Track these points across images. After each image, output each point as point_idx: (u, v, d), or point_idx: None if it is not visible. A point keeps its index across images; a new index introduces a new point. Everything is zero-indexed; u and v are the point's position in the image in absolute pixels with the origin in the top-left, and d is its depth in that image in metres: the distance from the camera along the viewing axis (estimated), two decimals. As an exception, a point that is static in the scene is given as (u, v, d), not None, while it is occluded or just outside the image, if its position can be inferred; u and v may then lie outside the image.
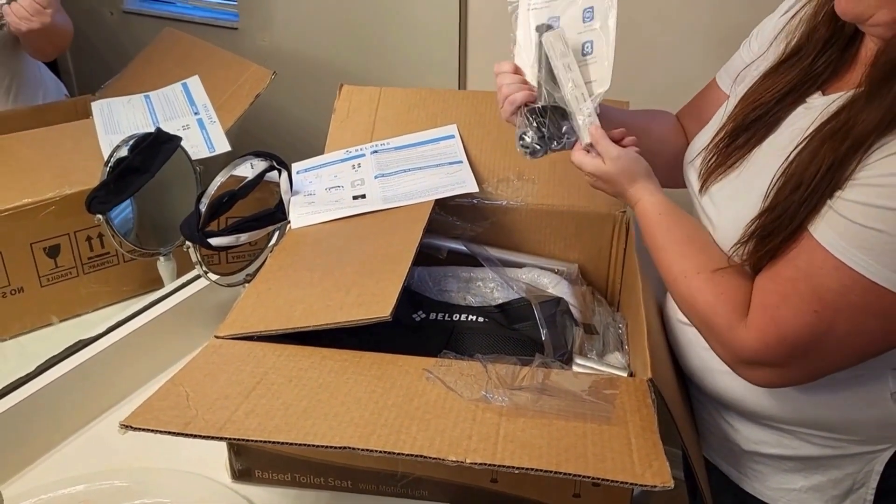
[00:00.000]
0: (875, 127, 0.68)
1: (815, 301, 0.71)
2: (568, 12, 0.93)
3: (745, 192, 0.80)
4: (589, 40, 0.93)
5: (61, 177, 1.19)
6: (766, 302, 0.75)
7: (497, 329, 1.02)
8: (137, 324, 1.07)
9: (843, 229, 0.69)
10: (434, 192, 1.10)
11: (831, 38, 0.80)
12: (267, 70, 1.42)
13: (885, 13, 0.70)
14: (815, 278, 0.71)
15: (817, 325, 0.71)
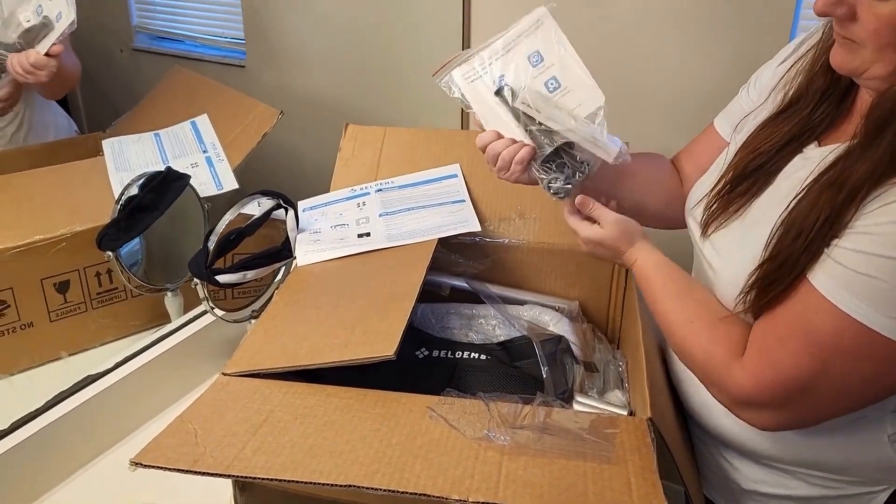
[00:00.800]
0: (868, 177, 0.70)
1: (810, 344, 0.72)
2: (511, 67, 0.95)
3: (747, 241, 0.82)
4: (550, 77, 0.94)
5: (72, 214, 1.22)
6: (763, 344, 0.76)
7: (499, 367, 1.03)
8: (145, 359, 1.09)
9: (838, 275, 0.71)
10: (437, 230, 1.12)
11: (828, 90, 0.83)
12: (274, 109, 1.46)
13: (879, 67, 0.72)
14: (810, 322, 0.72)
15: (812, 368, 0.73)
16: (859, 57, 0.73)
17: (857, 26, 0.72)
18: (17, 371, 1.18)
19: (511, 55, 0.95)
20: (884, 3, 0.69)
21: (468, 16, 1.80)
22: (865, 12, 0.70)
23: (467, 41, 1.83)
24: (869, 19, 0.70)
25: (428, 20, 1.85)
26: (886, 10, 0.69)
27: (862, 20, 0.71)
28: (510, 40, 0.96)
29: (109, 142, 1.44)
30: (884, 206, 0.69)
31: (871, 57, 0.72)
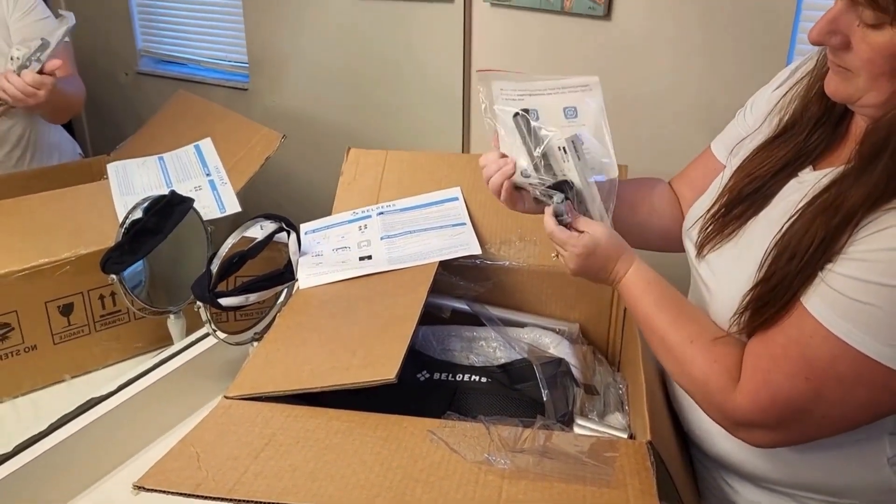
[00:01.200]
0: (863, 202, 0.71)
1: (806, 368, 0.73)
2: (545, 109, 0.97)
3: (742, 263, 0.83)
4: (577, 134, 0.95)
5: (77, 237, 1.23)
6: (758, 366, 0.77)
7: (499, 389, 1.04)
8: (148, 381, 1.09)
9: (832, 301, 0.71)
10: (438, 253, 1.13)
11: (823, 116, 0.84)
12: (277, 133, 1.47)
13: (873, 95, 0.73)
14: (806, 347, 0.73)
15: (808, 392, 0.73)
16: (853, 85, 0.74)
17: (851, 55, 0.73)
18: (20, 394, 1.19)
19: (549, 99, 0.98)
20: (878, 32, 0.70)
21: (469, 42, 1.83)
22: (859, 41, 0.72)
23: (468, 67, 1.85)
24: (863, 48, 0.72)
25: (430, 46, 1.87)
26: (880, 40, 0.70)
27: (856, 49, 0.72)
28: (555, 86, 0.98)
29: (114, 165, 1.46)
30: (877, 231, 0.70)
31: (865, 85, 0.73)
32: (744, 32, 1.48)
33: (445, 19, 1.82)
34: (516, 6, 1.72)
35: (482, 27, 1.81)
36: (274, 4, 2.07)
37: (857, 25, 0.71)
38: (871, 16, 0.69)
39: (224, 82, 2.26)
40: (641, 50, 1.61)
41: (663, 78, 1.61)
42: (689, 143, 1.58)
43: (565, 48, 1.71)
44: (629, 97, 1.66)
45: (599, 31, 1.64)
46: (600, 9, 1.60)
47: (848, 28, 0.72)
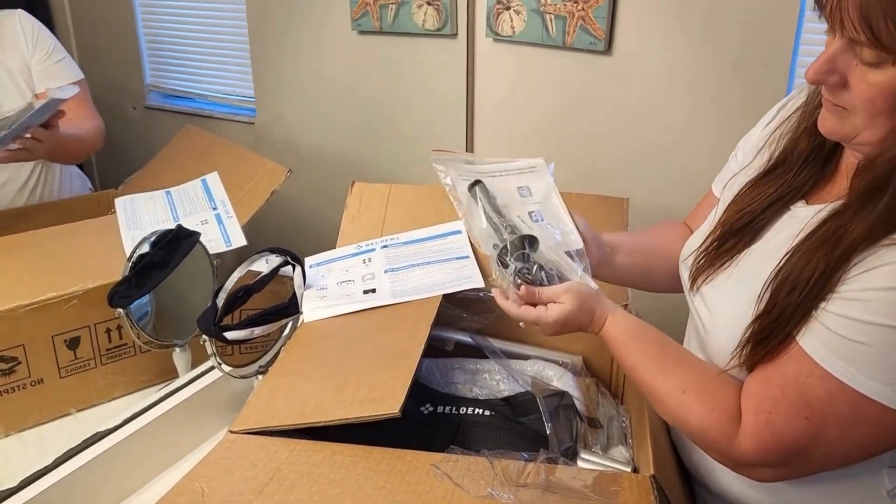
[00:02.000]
0: (866, 235, 0.71)
1: (805, 408, 0.73)
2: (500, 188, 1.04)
3: (736, 297, 0.84)
4: (535, 210, 1.03)
5: (84, 271, 1.24)
6: (759, 407, 0.77)
7: (503, 422, 1.04)
8: (153, 415, 1.10)
9: (827, 340, 0.72)
10: (441, 287, 1.14)
11: (812, 152, 0.85)
12: (283, 167, 1.49)
13: (870, 133, 0.73)
14: (804, 386, 0.73)
15: (808, 431, 0.73)
16: (849, 123, 0.75)
17: (849, 94, 0.73)
18: (26, 427, 1.19)
19: (502, 180, 1.05)
20: (877, 71, 0.70)
21: (472, 77, 1.85)
22: (858, 81, 0.72)
23: (471, 101, 1.87)
24: (861, 88, 0.71)
25: (434, 81, 1.90)
26: (880, 79, 0.70)
27: (854, 88, 0.72)
28: (506, 168, 1.07)
29: (122, 200, 1.48)
30: (872, 269, 0.70)
31: (863, 124, 0.73)
32: (742, 67, 1.51)
33: (449, 54, 1.85)
34: (518, 41, 1.75)
35: (485, 62, 1.84)
36: (280, 40, 2.11)
37: (856, 64, 0.71)
38: (872, 55, 0.69)
39: (231, 116, 2.29)
40: (641, 84, 1.63)
41: (662, 112, 1.63)
42: (687, 175, 1.61)
43: (566, 82, 1.73)
44: (628, 130, 1.68)
45: (600, 66, 1.67)
46: (601, 44, 1.63)
47: (846, 67, 0.72)
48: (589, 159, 1.75)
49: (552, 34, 1.68)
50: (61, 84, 1.64)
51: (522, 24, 1.72)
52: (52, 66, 1.63)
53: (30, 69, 1.61)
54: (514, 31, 1.74)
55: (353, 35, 1.96)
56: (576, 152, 1.77)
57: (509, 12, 1.73)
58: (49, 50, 1.64)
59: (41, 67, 1.62)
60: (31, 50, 1.62)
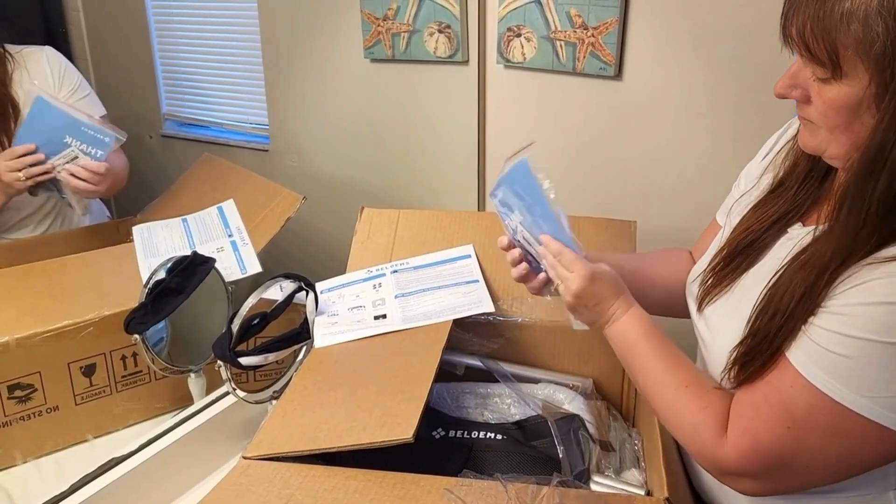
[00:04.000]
0: (831, 258, 0.73)
1: (787, 417, 0.74)
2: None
3: (733, 318, 0.85)
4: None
5: (101, 298, 1.26)
6: (741, 414, 0.78)
7: (515, 446, 1.04)
8: (168, 440, 1.11)
9: (812, 352, 0.73)
10: (452, 311, 1.15)
11: (811, 171, 0.87)
12: (297, 195, 1.51)
13: (835, 147, 0.76)
14: (786, 396, 0.75)
15: (789, 441, 0.74)
16: (818, 137, 0.78)
17: (812, 108, 0.77)
18: (42, 454, 1.20)
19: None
20: (828, 86, 0.73)
21: (483, 102, 1.87)
22: (815, 95, 0.75)
23: (482, 127, 1.89)
24: (817, 102, 0.75)
25: (446, 107, 1.92)
26: (831, 94, 0.73)
27: (814, 103, 0.76)
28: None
29: (139, 228, 1.50)
30: (853, 287, 0.72)
31: (827, 137, 0.76)
32: (752, 94, 1.51)
33: (460, 81, 1.87)
34: (529, 67, 1.77)
35: (496, 88, 1.86)
36: (293, 68, 2.14)
37: (813, 80, 0.75)
38: (820, 71, 0.72)
39: (246, 144, 2.32)
40: (651, 109, 1.64)
41: (672, 137, 1.64)
42: (696, 201, 1.61)
43: (576, 108, 1.75)
44: (638, 155, 1.69)
45: (610, 91, 1.68)
46: (611, 69, 1.64)
47: (806, 82, 0.76)
48: (601, 183, 1.76)
49: (563, 60, 1.70)
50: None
51: (533, 51, 1.74)
52: (78, 102, 1.66)
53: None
54: (525, 58, 1.76)
55: (366, 63, 1.99)
56: (586, 176, 1.78)
57: (520, 39, 1.75)
58: (75, 86, 1.68)
59: (68, 101, 1.65)
60: (58, 85, 1.65)
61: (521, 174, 0.96)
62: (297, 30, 2.10)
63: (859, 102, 0.71)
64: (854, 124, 0.73)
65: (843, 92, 0.72)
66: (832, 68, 0.71)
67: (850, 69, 0.70)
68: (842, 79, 0.71)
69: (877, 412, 0.70)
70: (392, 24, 1.89)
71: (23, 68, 1.62)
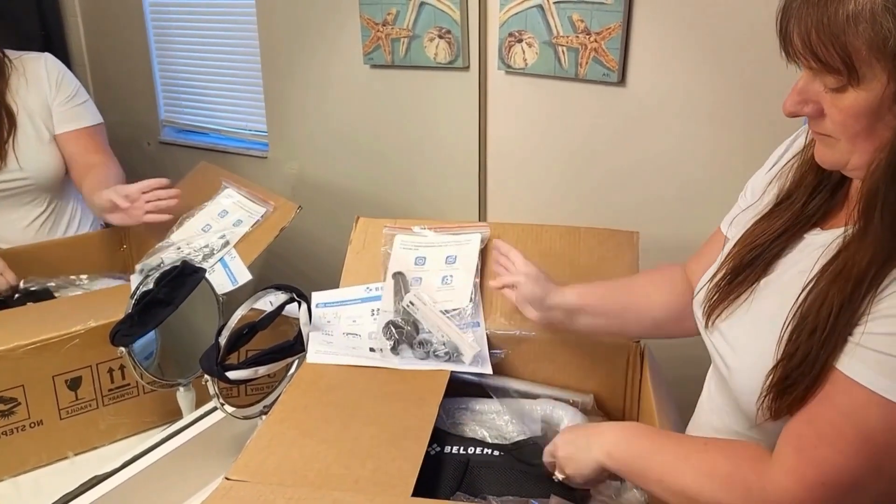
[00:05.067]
0: (870, 263, 0.70)
1: (861, 441, 0.68)
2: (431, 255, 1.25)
3: (759, 334, 0.80)
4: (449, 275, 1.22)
5: (87, 310, 1.22)
6: (802, 444, 0.72)
7: (513, 464, 1.00)
8: (153, 458, 1.07)
9: (877, 364, 0.68)
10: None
11: (819, 184, 0.83)
12: (293, 204, 1.48)
13: (857, 157, 0.72)
14: (859, 418, 0.69)
15: (863, 467, 0.69)
16: (838, 150, 0.74)
17: (827, 122, 0.73)
18: (23, 471, 1.16)
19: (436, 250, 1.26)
20: (843, 95, 0.70)
21: (484, 109, 1.84)
22: (830, 107, 0.72)
23: (484, 134, 1.86)
24: (833, 113, 0.72)
25: (446, 114, 1.89)
26: (847, 102, 0.70)
27: (829, 115, 0.73)
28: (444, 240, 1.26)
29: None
30: None
31: (847, 148, 0.73)
32: (758, 101, 1.47)
33: (461, 87, 1.84)
34: (531, 73, 1.73)
35: (497, 94, 1.82)
36: (292, 74, 2.11)
37: (825, 92, 0.72)
38: (833, 80, 0.69)
39: (244, 150, 2.29)
40: (655, 116, 1.61)
41: (677, 145, 1.60)
42: (699, 208, 1.57)
43: (579, 114, 1.71)
44: (641, 164, 1.65)
45: (613, 98, 1.65)
46: (614, 75, 1.61)
47: (817, 96, 0.73)
48: (603, 192, 1.72)
49: (565, 66, 1.67)
50: (79, 126, 1.64)
51: (535, 57, 1.71)
52: (73, 109, 1.64)
53: (50, 111, 1.62)
54: (527, 64, 1.73)
55: (366, 69, 1.96)
56: (589, 184, 1.74)
57: (521, 44, 1.72)
58: (72, 93, 1.66)
59: (62, 109, 1.63)
60: (54, 92, 1.63)
61: None
62: (296, 35, 2.07)
63: (879, 104, 0.68)
64: (876, 128, 0.69)
65: (861, 97, 0.68)
66: (847, 74, 0.68)
67: (866, 71, 0.67)
68: (859, 84, 0.68)
69: None
70: (392, 29, 1.86)
71: (21, 74, 1.60)
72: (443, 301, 1.18)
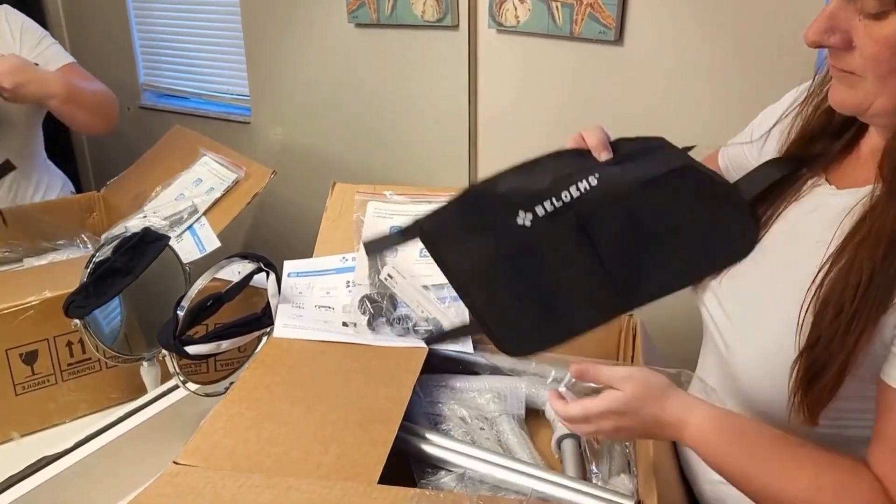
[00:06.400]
0: None
1: None
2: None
3: (765, 309, 0.73)
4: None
5: (42, 280, 1.15)
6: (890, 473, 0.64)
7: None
8: (109, 438, 1.00)
9: None
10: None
11: (825, 130, 0.76)
12: (266, 169, 1.40)
13: (883, 101, 0.65)
14: None
15: None
16: (861, 91, 0.65)
17: (854, 55, 0.65)
18: (-27, 451, 1.10)
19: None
20: (881, 23, 0.61)
21: (474, 70, 1.75)
22: (862, 37, 0.63)
23: (474, 96, 1.77)
24: (866, 44, 0.63)
25: (434, 75, 1.81)
26: (885, 31, 0.61)
27: (859, 47, 0.64)
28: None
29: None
30: None
31: (874, 89, 0.64)
32: (762, 57, 1.38)
33: (450, 46, 1.74)
34: (523, 32, 1.64)
35: (488, 55, 1.73)
36: (275, 36, 2.02)
37: (859, 19, 0.63)
38: (874, 4, 0.61)
39: (226, 115, 2.20)
40: (654, 77, 1.52)
41: (676, 105, 1.51)
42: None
43: (575, 75, 1.62)
44: (639, 126, 1.55)
45: (610, 57, 1.55)
46: (611, 33, 1.51)
47: (848, 23, 0.64)
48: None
49: (559, 23, 1.57)
50: (56, 67, 1.57)
51: (527, 14, 1.61)
52: (43, 52, 1.57)
53: None
54: (519, 21, 1.63)
55: (350, 28, 1.86)
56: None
57: (513, 1, 1.62)
58: (38, 39, 1.58)
59: (32, 56, 1.55)
60: (19, 43, 1.55)
61: None
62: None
63: None
64: None
65: None
66: None
67: None
68: None
69: None
70: (377, -15, 1.77)
71: None
72: (422, 275, 1.11)
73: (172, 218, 1.33)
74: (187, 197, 1.40)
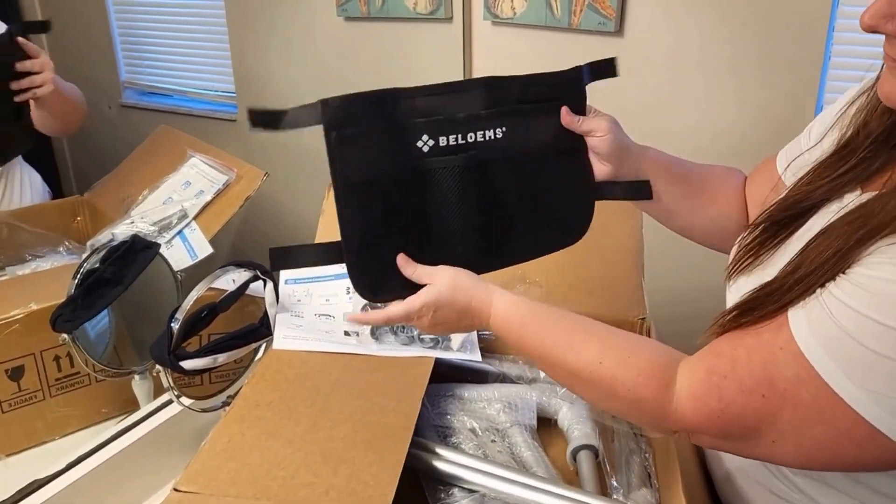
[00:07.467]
0: (879, 223, 0.60)
1: (766, 384, 0.62)
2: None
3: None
4: None
5: (28, 293, 1.10)
6: (715, 366, 0.66)
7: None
8: (103, 458, 0.96)
9: (816, 319, 0.61)
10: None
11: (882, 134, 0.71)
12: (259, 171, 1.35)
13: None
14: (772, 359, 0.62)
15: (761, 411, 0.63)
16: None
17: None
18: (-42, 471, 1.05)
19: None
20: None
21: (470, 63, 1.71)
22: None
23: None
24: None
25: (428, 69, 1.77)
26: None
27: None
28: None
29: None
30: (884, 262, 0.58)
31: None
32: (763, 48, 1.35)
33: (444, 40, 1.70)
34: (520, 24, 1.60)
35: (483, 47, 1.69)
36: (260, 31, 1.96)
37: None
38: None
39: (211, 113, 2.15)
40: (655, 69, 1.48)
41: (678, 98, 1.48)
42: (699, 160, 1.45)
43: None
44: (640, 120, 1.53)
45: (610, 48, 1.52)
46: (611, 24, 1.48)
47: None
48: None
49: (557, 14, 1.53)
50: None
51: (524, 5, 1.57)
52: None
53: None
54: (515, 13, 1.59)
55: (339, 21, 1.81)
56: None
57: (508, -8, 1.58)
58: None
59: None
60: None
61: None
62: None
63: None
64: None
65: None
66: None
67: None
68: None
69: (874, 413, 0.57)
70: (367, -23, 1.72)
71: None
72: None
73: (161, 223, 1.28)
74: (176, 201, 1.35)
